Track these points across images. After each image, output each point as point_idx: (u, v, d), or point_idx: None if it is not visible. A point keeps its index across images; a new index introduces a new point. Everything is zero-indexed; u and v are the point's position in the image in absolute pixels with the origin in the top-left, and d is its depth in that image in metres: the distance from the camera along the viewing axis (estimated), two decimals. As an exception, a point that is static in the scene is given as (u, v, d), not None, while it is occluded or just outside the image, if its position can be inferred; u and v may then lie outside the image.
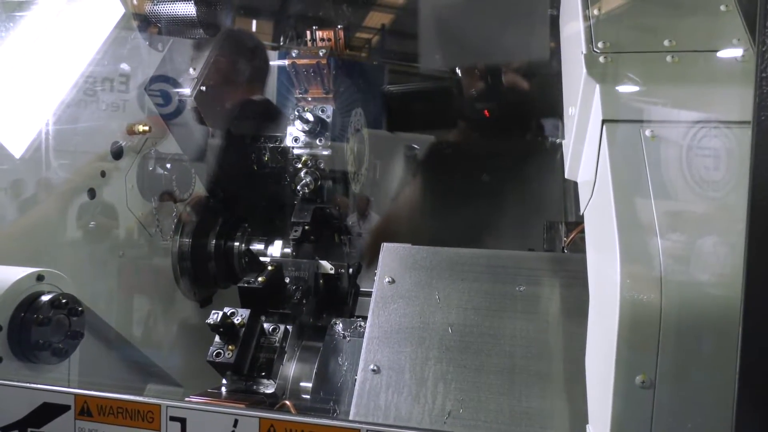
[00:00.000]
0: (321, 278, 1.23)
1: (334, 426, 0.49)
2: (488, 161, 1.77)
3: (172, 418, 0.53)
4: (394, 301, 0.94)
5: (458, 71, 1.71)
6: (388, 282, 0.97)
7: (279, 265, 1.15)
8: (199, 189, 1.41)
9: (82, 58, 1.06)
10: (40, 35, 0.95)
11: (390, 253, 1.02)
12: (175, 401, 0.53)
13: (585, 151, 0.79)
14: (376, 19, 1.83)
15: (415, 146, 2.02)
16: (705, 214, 0.64)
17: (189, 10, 1.20)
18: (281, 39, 1.45)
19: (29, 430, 0.57)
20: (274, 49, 1.55)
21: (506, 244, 1.66)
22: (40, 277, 0.76)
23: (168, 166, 1.25)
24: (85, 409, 0.55)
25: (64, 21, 1.01)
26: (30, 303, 0.73)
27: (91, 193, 1.09)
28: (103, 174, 1.12)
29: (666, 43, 0.73)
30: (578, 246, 1.12)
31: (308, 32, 1.25)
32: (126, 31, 1.17)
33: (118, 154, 1.16)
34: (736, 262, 0.47)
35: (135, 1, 1.19)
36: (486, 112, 1.74)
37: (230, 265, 1.43)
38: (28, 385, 0.58)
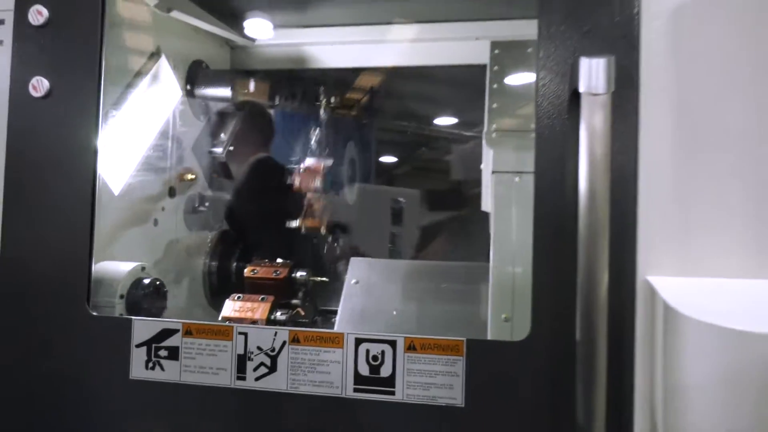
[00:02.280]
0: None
1: (331, 333, 0.92)
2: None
3: (240, 333, 0.96)
4: (358, 296, 1.38)
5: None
6: (355, 282, 1.42)
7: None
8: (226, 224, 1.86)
9: (155, 126, 1.53)
10: (133, 107, 1.42)
11: (357, 263, 1.48)
12: (242, 324, 0.96)
13: (488, 191, 1.25)
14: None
15: (401, 199, 2.49)
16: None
17: (226, 93, 1.69)
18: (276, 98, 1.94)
19: (153, 345, 0.99)
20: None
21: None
22: (143, 268, 1.19)
23: (206, 204, 1.70)
24: (189, 331, 0.98)
25: (147, 99, 1.49)
26: (138, 282, 1.16)
27: (155, 222, 1.53)
28: (162, 209, 1.56)
29: (532, 126, 1.20)
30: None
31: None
32: (181, 106, 1.65)
33: (172, 194, 1.61)
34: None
35: (188, 87, 1.67)
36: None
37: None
38: (152, 319, 1.00)
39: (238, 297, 1.39)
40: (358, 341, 0.92)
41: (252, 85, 1.90)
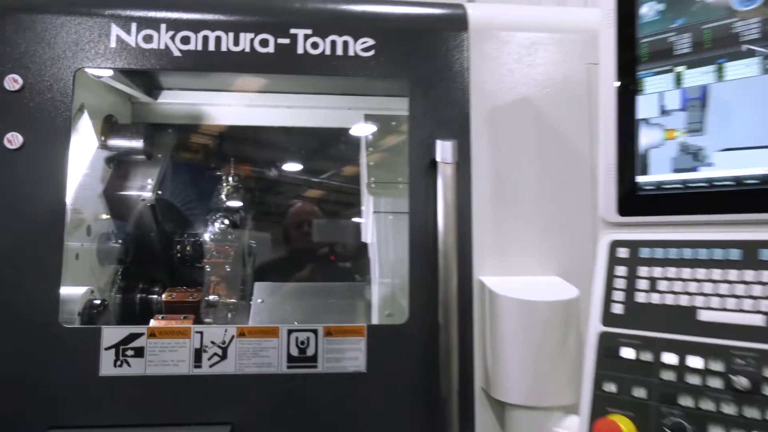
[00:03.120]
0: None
1: (270, 327, 1.27)
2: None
3: (196, 332, 1.26)
4: (264, 312, 1.72)
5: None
6: (261, 301, 1.76)
7: None
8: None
9: (78, 172, 1.74)
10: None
11: (261, 287, 1.81)
12: (196, 325, 1.26)
13: (369, 227, 1.69)
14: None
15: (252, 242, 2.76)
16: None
17: (138, 145, 1.95)
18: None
19: (121, 347, 1.25)
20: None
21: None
22: (92, 291, 1.42)
23: (119, 241, 1.91)
24: (153, 333, 1.26)
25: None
26: (90, 302, 1.39)
27: (77, 256, 1.72)
28: (82, 245, 1.76)
29: (400, 179, 1.68)
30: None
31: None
32: (95, 157, 1.87)
33: (88, 232, 1.81)
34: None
35: (102, 138, 1.90)
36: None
37: (148, 311, 2.07)
38: (119, 326, 1.26)
39: (162, 317, 1.65)
40: (290, 331, 1.28)
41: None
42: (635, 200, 1.02)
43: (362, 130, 1.85)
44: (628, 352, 0.96)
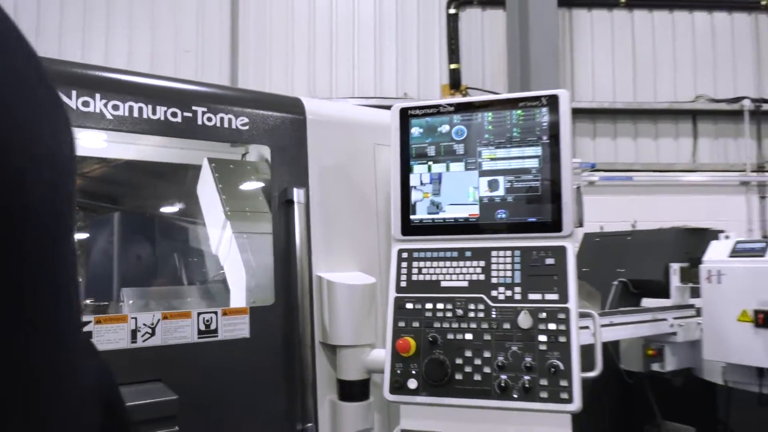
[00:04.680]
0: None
1: (185, 311, 1.87)
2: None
3: (132, 317, 1.79)
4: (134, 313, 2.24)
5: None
6: (131, 302, 2.27)
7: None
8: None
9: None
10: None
11: (127, 290, 2.31)
12: (132, 312, 1.79)
13: (230, 245, 2.35)
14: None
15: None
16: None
17: None
18: None
19: (73, 332, 1.71)
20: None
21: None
22: None
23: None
24: (99, 321, 1.74)
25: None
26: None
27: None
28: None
29: (247, 208, 2.37)
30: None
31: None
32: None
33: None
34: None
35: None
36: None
37: None
38: (70, 318, 1.72)
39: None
40: (199, 314, 1.90)
41: None
42: (410, 228, 1.97)
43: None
44: (409, 305, 1.89)
